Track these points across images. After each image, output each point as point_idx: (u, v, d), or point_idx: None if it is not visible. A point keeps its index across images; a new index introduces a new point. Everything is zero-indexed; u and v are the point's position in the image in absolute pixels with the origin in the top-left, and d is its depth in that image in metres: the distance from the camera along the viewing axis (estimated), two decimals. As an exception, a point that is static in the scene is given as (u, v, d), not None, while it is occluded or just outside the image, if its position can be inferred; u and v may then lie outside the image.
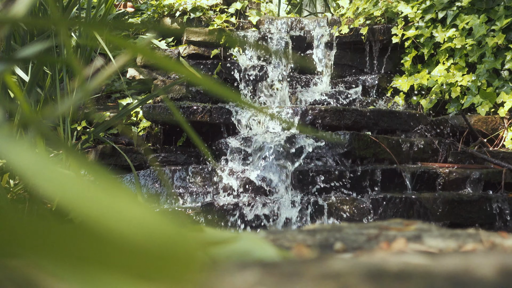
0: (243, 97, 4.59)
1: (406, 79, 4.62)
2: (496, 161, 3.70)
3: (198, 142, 0.91)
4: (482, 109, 4.14)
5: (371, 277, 0.45)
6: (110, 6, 3.68)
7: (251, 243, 0.71)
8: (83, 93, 1.29)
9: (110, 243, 0.28)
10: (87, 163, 0.34)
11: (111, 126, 4.17)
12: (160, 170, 3.56)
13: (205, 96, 4.48)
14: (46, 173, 0.30)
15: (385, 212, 3.28)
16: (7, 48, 2.68)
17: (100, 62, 3.94)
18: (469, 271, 0.46)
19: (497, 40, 4.18)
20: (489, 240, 0.85)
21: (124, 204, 0.29)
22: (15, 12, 0.98)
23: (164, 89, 4.04)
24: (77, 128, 4.07)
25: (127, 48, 0.52)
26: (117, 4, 5.69)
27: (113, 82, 4.90)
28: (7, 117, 2.48)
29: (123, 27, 1.11)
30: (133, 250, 0.28)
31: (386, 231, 0.91)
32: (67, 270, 0.28)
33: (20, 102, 1.29)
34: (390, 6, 4.81)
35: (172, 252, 0.28)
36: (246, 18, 5.31)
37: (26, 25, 2.79)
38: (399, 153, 3.75)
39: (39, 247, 0.28)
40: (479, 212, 3.41)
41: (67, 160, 2.32)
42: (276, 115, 3.85)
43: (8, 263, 0.32)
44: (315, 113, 3.87)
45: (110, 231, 0.28)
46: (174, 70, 0.54)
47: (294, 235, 0.88)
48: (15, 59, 1.55)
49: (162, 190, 3.52)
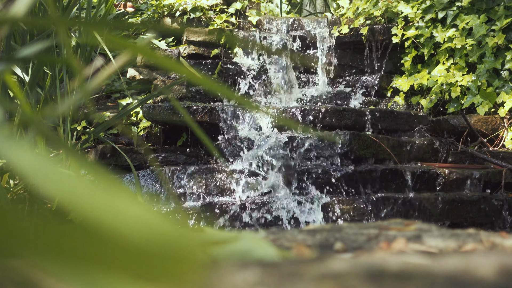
0: (243, 97, 4.59)
1: (406, 79, 4.62)
2: (496, 161, 3.70)
3: (206, 140, 0.91)
4: (482, 109, 4.14)
5: (371, 277, 0.45)
6: (110, 6, 3.68)
7: (251, 243, 0.71)
8: (83, 93, 1.29)
9: (110, 243, 0.28)
10: (87, 163, 0.34)
11: (111, 126, 4.17)
12: (160, 170, 3.56)
13: (205, 96, 4.49)
14: (46, 173, 0.30)
15: (385, 212, 3.28)
16: (7, 48, 2.68)
17: (100, 62, 3.94)
18: (469, 271, 0.46)
19: (497, 40, 4.18)
20: (489, 240, 0.85)
21: (124, 204, 0.29)
22: (15, 12, 0.98)
23: (164, 89, 4.04)
24: (77, 128, 4.07)
25: (127, 48, 0.52)
26: (117, 4, 5.69)
27: (113, 82, 4.90)
28: (7, 117, 2.48)
29: (123, 27, 1.11)
30: (133, 250, 0.28)
31: (386, 231, 0.91)
32: (67, 270, 0.28)
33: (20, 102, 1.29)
34: (390, 6, 4.81)
35: (172, 252, 0.28)
36: (246, 18, 5.31)
37: (26, 25, 2.79)
38: (399, 153, 3.75)
39: (39, 247, 0.28)
40: (479, 212, 3.41)
41: (67, 160, 2.32)
42: (276, 115, 3.85)
43: (8, 263, 0.32)
44: (315, 113, 3.87)
45: (110, 231, 0.28)
46: (174, 70, 0.54)
47: (294, 235, 0.88)
48: (15, 59, 1.55)
49: (162, 190, 3.52)
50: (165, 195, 3.49)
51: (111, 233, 0.28)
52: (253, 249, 0.70)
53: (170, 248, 0.28)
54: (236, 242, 0.71)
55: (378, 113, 4.02)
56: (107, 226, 0.28)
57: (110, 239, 0.28)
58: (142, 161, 3.88)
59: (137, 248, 0.28)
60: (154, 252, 0.28)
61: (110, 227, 0.28)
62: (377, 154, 3.65)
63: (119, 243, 0.28)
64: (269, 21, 5.13)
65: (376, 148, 3.64)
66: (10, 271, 0.32)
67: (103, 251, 0.28)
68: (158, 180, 3.53)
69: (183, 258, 0.28)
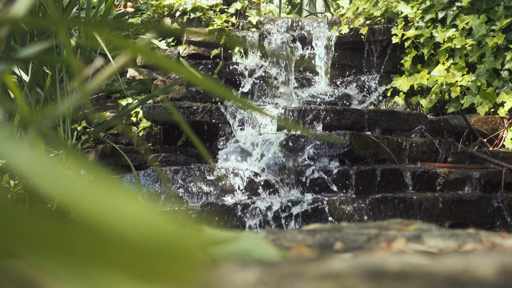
0: (243, 97, 4.59)
1: (406, 79, 4.62)
2: (496, 161, 3.70)
3: (197, 143, 0.91)
4: (482, 109, 4.14)
5: (371, 277, 0.45)
6: (110, 6, 3.68)
7: (251, 243, 0.71)
8: (83, 93, 1.29)
9: (110, 243, 0.28)
10: (87, 163, 0.34)
11: (111, 126, 4.17)
12: (160, 170, 3.56)
13: (205, 96, 4.49)
14: (46, 173, 0.30)
15: (385, 212, 3.28)
16: (7, 48, 2.68)
17: (100, 62, 3.94)
18: (469, 271, 0.46)
19: (497, 40, 4.18)
20: (489, 240, 0.85)
21: (124, 204, 0.29)
22: (15, 12, 0.98)
23: (164, 89, 4.04)
24: (77, 128, 4.07)
25: (127, 48, 0.52)
26: (117, 4, 5.69)
27: (113, 82, 4.90)
28: (7, 117, 2.48)
29: (123, 27, 1.11)
30: (133, 250, 0.28)
31: (386, 231, 0.91)
32: (67, 270, 0.28)
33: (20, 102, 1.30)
34: (390, 6, 4.81)
35: (172, 252, 0.28)
36: (246, 18, 5.31)
37: (26, 25, 2.79)
38: (399, 153, 3.75)
39: (39, 247, 0.28)
40: (479, 212, 3.41)
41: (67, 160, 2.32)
42: (276, 115, 3.85)
43: (8, 263, 0.32)
44: (315, 113, 3.87)
45: (110, 231, 0.28)
46: (174, 70, 0.54)
47: (294, 235, 0.88)
48: (15, 59, 1.55)
49: (162, 190, 3.52)
50: (165, 195, 3.49)
51: (111, 233, 0.28)
52: (253, 249, 0.70)
53: (170, 248, 0.28)
54: (236, 242, 0.71)
55: (378, 113, 4.02)
56: (107, 226, 0.28)
57: (110, 239, 0.28)
58: (142, 161, 3.88)
59: (137, 248, 0.28)
60: (154, 252, 0.28)
61: (110, 227, 0.28)
62: (377, 154, 3.65)
63: (119, 243, 0.28)
64: (269, 21, 5.13)
65: (376, 148, 3.64)
66: (10, 271, 0.32)
67: (103, 251, 0.28)
68: (158, 180, 3.53)
69: (183, 258, 0.28)
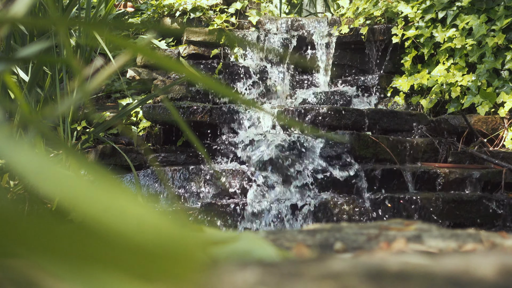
0: (243, 97, 4.59)
1: (406, 79, 4.62)
2: (496, 161, 3.70)
3: (196, 143, 0.91)
4: (482, 109, 4.14)
5: (371, 277, 0.45)
6: (110, 6, 3.68)
7: (251, 243, 0.71)
8: (83, 93, 1.29)
9: (110, 243, 0.28)
10: (87, 163, 0.34)
11: (111, 126, 4.17)
12: (160, 170, 3.56)
13: (205, 96, 4.49)
14: (46, 173, 0.30)
15: (385, 212, 3.28)
16: (7, 48, 2.68)
17: (100, 62, 3.94)
18: (469, 271, 0.46)
19: (497, 40, 4.18)
20: (489, 240, 0.85)
21: (124, 204, 0.29)
22: (15, 12, 0.98)
23: (164, 89, 4.04)
24: (77, 128, 4.07)
25: (127, 48, 0.52)
26: (117, 4, 5.69)
27: (113, 82, 4.90)
28: (7, 117, 2.48)
29: (123, 27, 1.11)
30: (133, 250, 0.28)
31: (386, 231, 0.91)
32: (67, 270, 0.28)
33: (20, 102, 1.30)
34: (390, 6, 4.81)
35: (172, 252, 0.28)
36: (246, 18, 5.31)
37: (26, 25, 2.79)
38: (399, 153, 3.75)
39: (39, 247, 0.28)
40: (479, 212, 3.41)
41: (67, 160, 2.32)
42: (276, 115, 3.85)
43: (8, 263, 0.32)
44: (315, 113, 3.87)
45: (110, 231, 0.28)
46: (174, 70, 0.54)
47: (294, 235, 0.88)
48: (15, 59, 1.55)
49: (162, 190, 3.52)
50: (165, 195, 3.49)
51: (111, 233, 0.28)
52: (253, 249, 0.70)
53: (170, 248, 0.28)
54: (236, 242, 0.71)
55: (378, 113, 4.02)
56: (107, 226, 0.28)
57: (110, 239, 0.28)
58: (142, 161, 3.87)
59: (137, 248, 0.28)
60: (154, 252, 0.28)
61: (110, 227, 0.28)
62: (377, 154, 3.65)
63: (119, 243, 0.28)
64: (269, 21, 5.13)
65: (376, 148, 3.64)
66: (10, 271, 0.32)
67: (103, 251, 0.28)
68: (158, 180, 3.53)
69: (183, 258, 0.28)
